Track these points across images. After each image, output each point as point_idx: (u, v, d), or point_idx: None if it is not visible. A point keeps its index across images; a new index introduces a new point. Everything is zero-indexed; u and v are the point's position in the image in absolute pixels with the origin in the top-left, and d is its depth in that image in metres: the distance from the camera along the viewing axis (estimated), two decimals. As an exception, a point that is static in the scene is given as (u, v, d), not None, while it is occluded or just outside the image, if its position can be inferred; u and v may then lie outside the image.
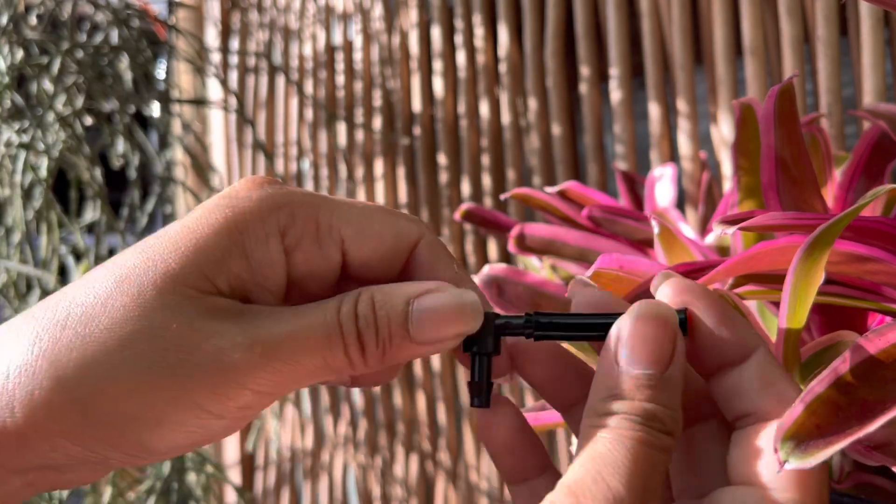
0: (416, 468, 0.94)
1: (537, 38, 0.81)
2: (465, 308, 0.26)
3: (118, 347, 0.24)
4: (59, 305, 0.25)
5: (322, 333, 0.25)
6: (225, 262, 0.26)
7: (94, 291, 0.25)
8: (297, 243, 0.27)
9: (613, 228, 0.53)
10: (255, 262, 0.26)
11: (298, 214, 0.27)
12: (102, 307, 0.25)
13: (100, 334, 0.24)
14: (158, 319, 0.24)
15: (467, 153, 0.88)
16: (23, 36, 0.75)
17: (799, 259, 0.27)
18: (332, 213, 0.27)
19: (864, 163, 0.45)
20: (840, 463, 0.32)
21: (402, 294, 0.26)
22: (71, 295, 0.25)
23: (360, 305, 0.26)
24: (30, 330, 0.25)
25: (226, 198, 0.27)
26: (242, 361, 0.25)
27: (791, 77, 0.36)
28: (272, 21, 1.12)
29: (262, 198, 0.26)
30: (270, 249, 0.26)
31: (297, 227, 0.27)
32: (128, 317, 0.24)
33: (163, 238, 0.26)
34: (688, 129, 0.69)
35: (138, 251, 0.26)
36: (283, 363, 0.25)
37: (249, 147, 1.16)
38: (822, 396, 0.24)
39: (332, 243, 0.27)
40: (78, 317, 0.24)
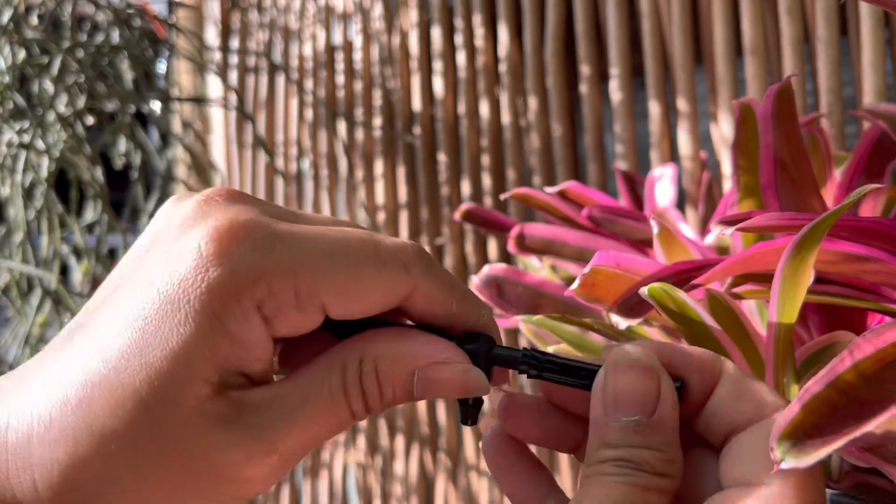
0: (416, 468, 0.94)
1: (537, 38, 0.81)
2: (469, 384, 0.26)
3: (128, 465, 0.24)
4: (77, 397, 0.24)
5: (332, 414, 0.25)
6: (213, 353, 0.24)
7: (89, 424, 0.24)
8: (276, 314, 0.25)
9: (613, 228, 0.53)
10: (239, 342, 0.24)
11: (275, 287, 0.24)
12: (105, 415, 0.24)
13: (112, 448, 0.24)
14: (168, 436, 0.24)
15: (467, 153, 0.88)
16: (23, 36, 0.75)
17: (787, 258, 0.27)
18: (312, 280, 0.25)
19: (864, 163, 0.45)
20: (839, 463, 0.32)
21: (407, 364, 0.26)
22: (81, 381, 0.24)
23: (365, 380, 0.25)
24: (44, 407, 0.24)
25: (199, 268, 0.24)
26: (258, 466, 0.24)
27: (789, 77, 0.36)
28: (272, 21, 1.12)
29: (235, 271, 0.24)
30: (252, 327, 0.24)
31: (275, 300, 0.24)
32: (140, 435, 0.24)
33: (149, 343, 0.24)
34: (688, 128, 0.69)
35: (129, 358, 0.24)
36: (297, 444, 0.25)
37: (249, 146, 1.16)
38: (819, 396, 0.24)
39: (314, 308, 0.25)
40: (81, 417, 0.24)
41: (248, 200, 0.26)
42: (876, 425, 0.22)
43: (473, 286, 0.48)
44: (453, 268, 0.89)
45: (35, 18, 0.79)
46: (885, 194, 0.43)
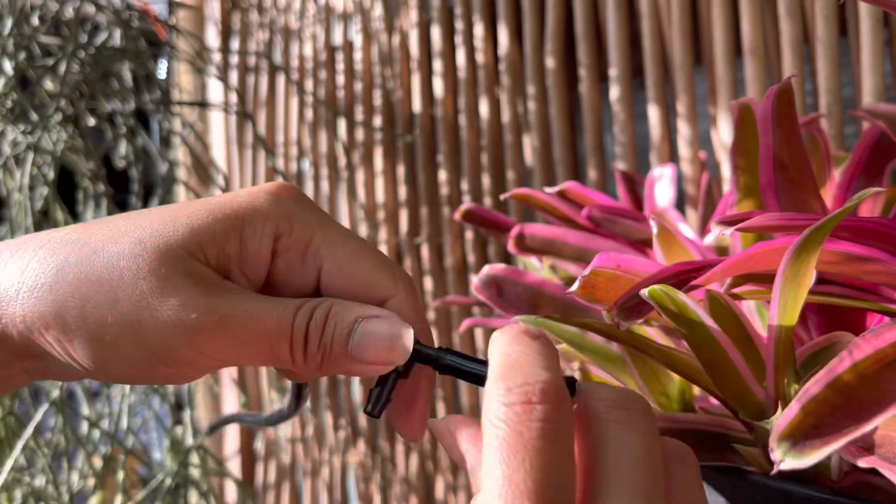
0: (416, 468, 0.95)
1: (537, 39, 0.81)
2: (398, 341, 0.29)
3: (108, 288, 0.28)
4: (76, 244, 0.29)
5: (275, 321, 0.29)
6: (222, 240, 0.29)
7: (114, 236, 0.29)
8: (285, 251, 0.30)
9: (613, 229, 0.53)
10: (246, 250, 0.30)
11: (295, 229, 0.30)
12: (112, 250, 0.29)
13: (98, 272, 0.29)
14: (145, 269, 0.28)
15: (467, 153, 0.88)
16: (26, 37, 0.75)
17: (788, 260, 0.27)
18: (322, 242, 0.30)
19: (863, 163, 0.45)
20: (838, 463, 0.32)
21: (355, 312, 0.30)
22: (92, 238, 0.29)
23: (317, 311, 0.29)
24: (48, 259, 0.29)
25: (255, 192, 0.30)
26: (196, 322, 0.28)
27: (789, 77, 0.36)
28: (272, 21, 1.12)
29: (274, 203, 0.30)
30: (262, 245, 0.30)
31: (290, 239, 0.30)
32: (122, 265, 0.29)
33: (193, 204, 0.30)
34: (687, 129, 0.69)
35: (169, 211, 0.30)
36: (233, 337, 0.29)
37: (250, 147, 1.16)
38: (818, 396, 0.24)
39: (312, 266, 0.30)
40: (87, 256, 0.29)
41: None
42: (875, 425, 0.22)
43: (473, 286, 0.48)
44: (453, 268, 0.89)
45: (36, 20, 0.79)
46: (884, 194, 0.43)
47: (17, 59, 0.73)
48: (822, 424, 0.23)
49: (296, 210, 0.30)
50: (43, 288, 0.29)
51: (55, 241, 0.30)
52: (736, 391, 0.32)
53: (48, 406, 0.73)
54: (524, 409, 0.23)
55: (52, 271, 0.29)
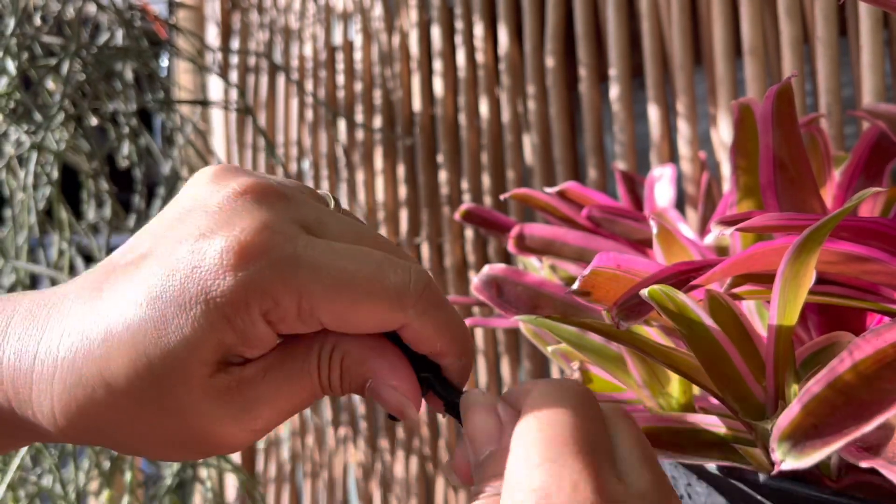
0: (416, 468, 0.95)
1: (537, 39, 0.81)
2: (403, 412, 0.30)
3: (144, 430, 0.29)
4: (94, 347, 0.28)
5: (307, 389, 0.29)
6: (219, 343, 0.28)
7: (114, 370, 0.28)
8: (279, 321, 0.28)
9: (613, 228, 0.53)
10: (244, 337, 0.28)
11: (281, 302, 0.28)
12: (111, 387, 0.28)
13: (122, 401, 0.28)
14: (170, 404, 0.28)
15: (467, 153, 0.88)
16: (29, 37, 0.75)
17: (788, 260, 0.27)
18: (314, 303, 0.28)
19: (863, 163, 0.45)
20: (838, 463, 0.32)
21: (364, 373, 0.30)
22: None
23: (332, 368, 0.30)
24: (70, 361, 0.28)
25: (219, 271, 0.27)
26: (242, 438, 0.29)
27: (789, 77, 0.37)
28: (272, 21, 1.12)
29: (248, 284, 0.27)
30: (257, 328, 0.28)
31: (280, 311, 0.28)
32: (147, 397, 0.28)
33: (162, 319, 0.27)
34: (687, 129, 0.69)
35: (147, 331, 0.28)
36: (275, 423, 0.29)
37: (250, 147, 1.16)
38: (819, 396, 0.24)
39: (313, 322, 0.29)
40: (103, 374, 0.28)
41: (279, 202, 0.29)
42: (875, 425, 0.22)
43: (473, 286, 0.48)
44: (453, 267, 0.89)
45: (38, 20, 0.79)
46: (884, 194, 0.43)
47: (20, 58, 0.73)
48: (822, 424, 0.23)
49: (271, 279, 0.27)
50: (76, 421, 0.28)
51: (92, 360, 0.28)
52: (736, 391, 0.32)
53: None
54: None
55: (81, 392, 0.28)
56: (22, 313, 0.29)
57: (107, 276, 0.29)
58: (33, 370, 0.28)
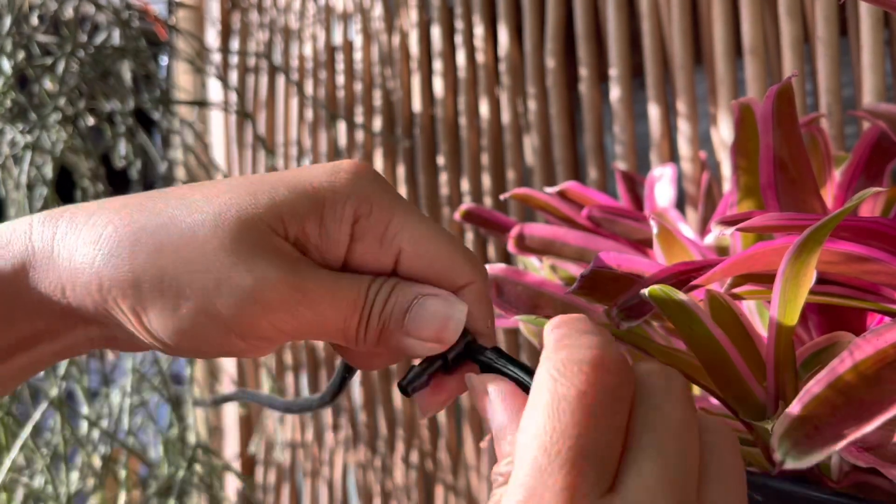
0: (417, 468, 0.94)
1: (537, 38, 0.81)
2: (449, 322, 0.30)
3: (186, 260, 0.28)
4: (152, 212, 0.29)
5: (353, 299, 0.29)
6: (302, 219, 0.29)
7: (193, 206, 0.29)
8: (363, 235, 0.30)
9: (613, 228, 0.53)
10: (326, 231, 0.29)
11: (375, 211, 0.30)
12: (191, 220, 0.29)
13: (176, 242, 0.28)
14: (226, 242, 0.28)
15: (467, 153, 0.88)
16: (25, 37, 0.75)
17: (788, 260, 0.27)
18: (402, 225, 0.30)
19: (863, 163, 0.45)
20: (838, 463, 0.32)
21: (415, 289, 0.30)
22: (169, 206, 0.29)
23: (384, 285, 0.30)
24: (124, 226, 0.29)
25: (333, 170, 0.30)
26: (278, 299, 0.28)
27: (789, 77, 0.36)
28: (272, 21, 1.12)
29: (354, 184, 0.30)
30: (341, 228, 0.30)
31: (369, 222, 0.30)
32: (201, 237, 0.28)
33: (270, 178, 0.30)
34: (687, 129, 0.69)
35: (249, 183, 0.30)
36: (313, 313, 0.29)
37: (250, 147, 1.16)
38: (819, 397, 0.24)
39: (391, 250, 0.30)
40: (164, 225, 0.29)
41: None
42: (876, 426, 0.22)
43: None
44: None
45: (36, 19, 0.79)
46: (884, 194, 0.43)
47: (16, 58, 0.73)
48: (823, 425, 0.23)
49: (375, 191, 0.30)
50: (120, 256, 0.28)
51: (131, 206, 0.29)
52: (736, 391, 0.31)
53: (47, 406, 0.73)
54: (594, 372, 0.23)
55: (129, 239, 0.28)
56: (74, 206, 0.30)
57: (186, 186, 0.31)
58: (77, 249, 0.29)
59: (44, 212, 0.30)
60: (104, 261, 0.28)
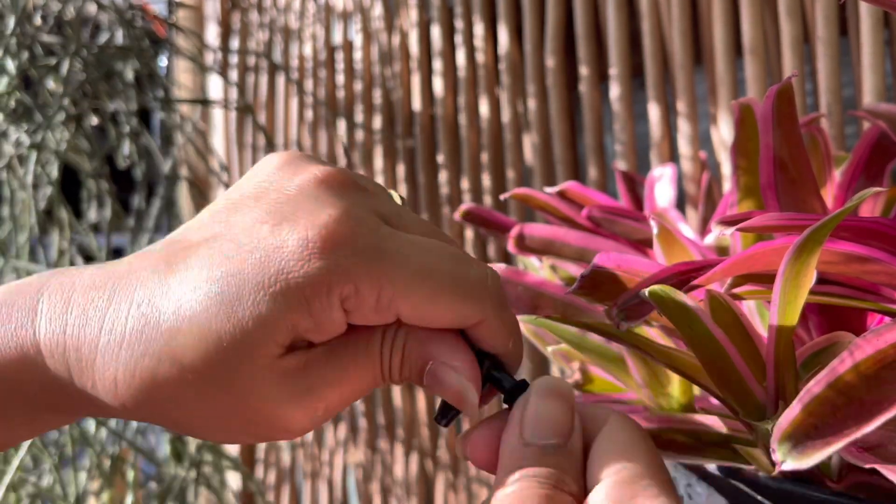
0: (416, 468, 0.95)
1: (537, 38, 0.81)
2: (463, 396, 0.29)
3: (207, 405, 0.28)
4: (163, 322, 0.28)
5: (370, 373, 0.29)
6: (294, 325, 0.27)
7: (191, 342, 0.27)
8: (356, 309, 0.28)
9: (613, 228, 0.53)
10: (318, 322, 0.28)
11: (361, 290, 0.28)
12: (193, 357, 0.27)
13: (189, 377, 0.27)
14: (237, 384, 0.27)
15: (467, 153, 0.88)
16: (29, 37, 0.75)
17: (788, 260, 0.27)
18: (393, 291, 0.28)
19: (863, 163, 0.45)
20: (838, 463, 0.32)
21: (425, 356, 0.29)
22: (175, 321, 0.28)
23: (394, 353, 0.29)
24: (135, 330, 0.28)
25: (301, 253, 0.27)
26: (305, 421, 0.28)
27: (790, 77, 0.36)
28: (272, 20, 1.12)
29: (330, 266, 0.27)
30: (333, 316, 0.28)
31: (358, 300, 0.28)
32: (215, 375, 0.27)
33: (239, 289, 0.27)
34: (687, 129, 0.69)
35: (224, 300, 0.27)
36: (338, 397, 0.29)
37: (250, 147, 1.16)
38: (819, 397, 0.24)
39: (389, 314, 0.28)
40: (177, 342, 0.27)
41: (359, 192, 0.30)
42: (876, 426, 0.22)
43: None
44: (453, 267, 0.89)
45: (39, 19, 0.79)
46: (884, 194, 0.43)
47: (20, 58, 0.73)
48: (823, 425, 0.23)
49: (354, 267, 0.27)
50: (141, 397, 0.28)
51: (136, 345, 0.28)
52: (736, 391, 0.32)
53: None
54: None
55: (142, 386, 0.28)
56: (84, 285, 0.29)
57: (175, 253, 0.29)
58: (99, 339, 0.28)
59: (46, 295, 0.29)
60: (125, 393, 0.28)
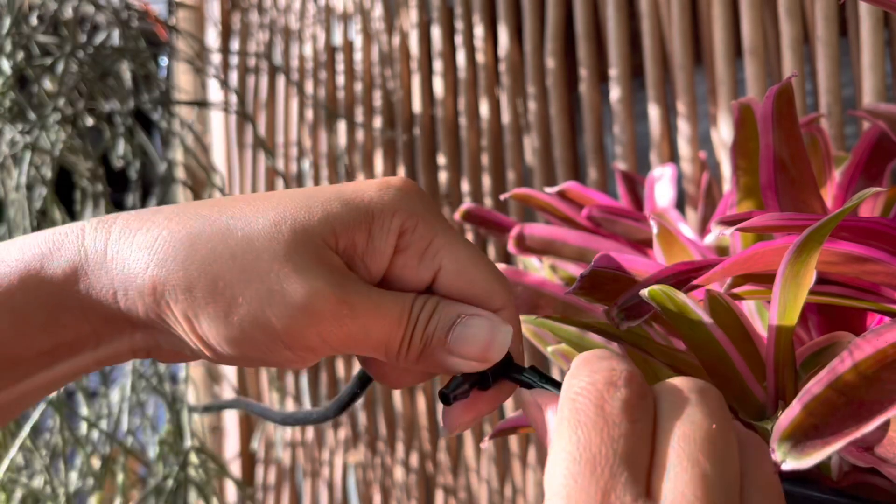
0: (416, 468, 0.94)
1: (537, 39, 0.81)
2: (494, 342, 0.30)
3: (241, 267, 0.29)
4: (208, 219, 0.30)
5: (397, 315, 0.30)
6: (353, 231, 0.30)
7: (248, 216, 0.30)
8: (405, 249, 0.31)
9: (613, 228, 0.53)
10: (372, 242, 0.30)
11: (419, 227, 0.31)
12: (247, 229, 0.29)
13: (231, 249, 0.29)
14: (281, 252, 0.29)
15: (467, 153, 0.88)
16: (25, 37, 0.75)
17: (788, 260, 0.27)
18: (444, 243, 0.31)
19: (863, 163, 0.45)
20: (838, 462, 0.32)
21: (459, 308, 0.31)
22: (225, 214, 0.30)
23: (427, 303, 0.31)
24: (180, 230, 0.29)
25: (383, 185, 0.31)
26: (328, 312, 0.28)
27: (789, 77, 0.36)
28: (272, 21, 1.12)
29: (402, 199, 0.31)
30: (387, 240, 0.30)
31: (413, 236, 0.31)
32: (258, 245, 0.29)
33: (323, 192, 0.31)
34: (687, 129, 0.69)
35: (303, 195, 0.30)
36: (360, 327, 0.29)
37: (250, 147, 1.16)
38: (819, 397, 0.24)
39: (431, 265, 0.31)
40: (220, 232, 0.29)
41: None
42: (876, 426, 0.22)
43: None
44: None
45: (35, 20, 0.79)
46: (884, 194, 0.43)
47: (16, 58, 0.73)
48: (823, 424, 0.23)
49: (421, 208, 0.31)
50: (175, 259, 0.28)
51: (187, 213, 0.30)
52: (736, 391, 0.31)
53: (46, 406, 0.73)
54: (608, 388, 0.24)
55: (185, 243, 0.29)
56: (126, 216, 0.31)
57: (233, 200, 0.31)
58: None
59: (96, 217, 0.31)
60: (159, 265, 0.28)
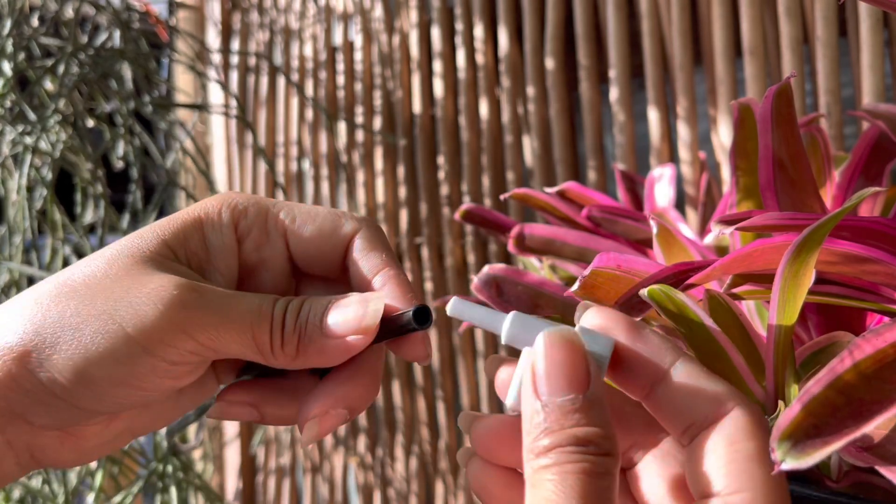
0: (416, 468, 0.94)
1: (537, 39, 0.81)
2: (367, 309, 0.30)
3: (84, 293, 0.29)
4: (51, 281, 0.30)
5: (256, 305, 0.30)
6: (184, 239, 0.31)
7: (84, 263, 0.30)
8: (248, 233, 0.32)
9: (613, 228, 0.53)
10: (212, 244, 0.32)
11: (250, 210, 0.32)
12: (87, 271, 0.30)
13: (75, 286, 0.29)
14: (121, 270, 0.29)
15: (467, 154, 0.88)
16: (26, 38, 0.75)
17: (787, 260, 0.27)
18: (279, 210, 0.32)
19: (862, 163, 0.45)
20: (838, 462, 0.32)
21: (327, 298, 0.31)
22: (67, 270, 0.30)
23: (293, 301, 0.31)
24: (26, 298, 0.30)
25: (206, 200, 0.33)
26: (177, 297, 0.28)
27: (789, 77, 0.36)
28: (272, 22, 1.12)
29: (226, 196, 0.33)
30: (224, 235, 0.32)
31: (248, 220, 0.32)
32: (98, 273, 0.30)
33: (150, 225, 0.32)
34: (687, 129, 0.69)
35: (139, 230, 0.32)
36: (214, 314, 0.29)
37: (250, 147, 1.16)
38: (819, 397, 0.24)
39: (277, 234, 0.32)
40: (63, 281, 0.30)
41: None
42: (876, 426, 0.22)
43: (473, 286, 0.48)
44: (453, 268, 0.89)
45: (36, 21, 0.79)
46: (884, 194, 0.43)
47: (16, 59, 0.73)
48: (822, 424, 0.23)
49: (246, 196, 0.33)
50: (21, 320, 0.29)
51: (37, 288, 0.30)
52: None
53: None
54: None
55: (30, 304, 0.29)
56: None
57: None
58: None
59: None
60: (8, 330, 0.29)
